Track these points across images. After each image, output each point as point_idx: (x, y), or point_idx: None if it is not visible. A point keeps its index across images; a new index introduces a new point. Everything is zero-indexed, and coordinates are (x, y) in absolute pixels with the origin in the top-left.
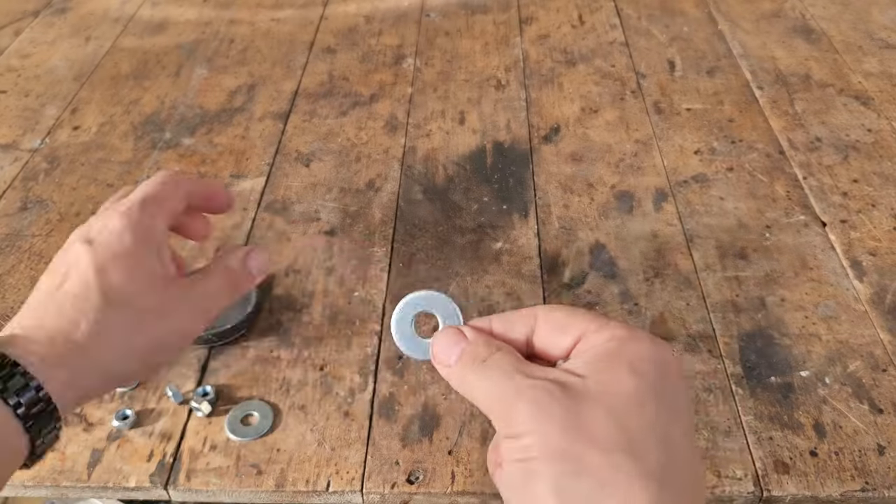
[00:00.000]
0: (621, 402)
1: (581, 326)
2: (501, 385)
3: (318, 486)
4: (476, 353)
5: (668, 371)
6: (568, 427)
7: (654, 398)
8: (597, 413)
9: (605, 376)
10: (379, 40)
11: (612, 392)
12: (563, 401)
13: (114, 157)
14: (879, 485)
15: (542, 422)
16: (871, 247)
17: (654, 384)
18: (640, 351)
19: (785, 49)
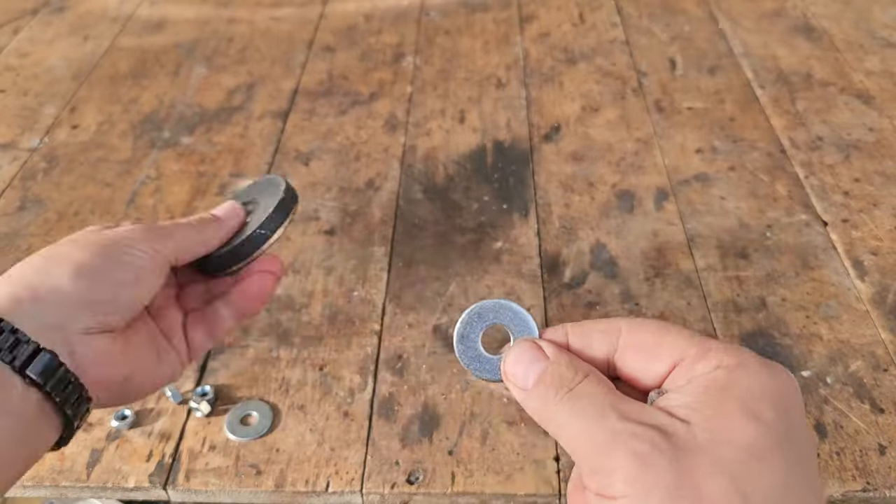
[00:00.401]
0: (739, 457)
1: (677, 350)
2: (593, 425)
3: (318, 487)
4: (560, 376)
5: (790, 408)
6: (675, 491)
7: (777, 449)
8: (709, 473)
9: (716, 422)
10: (378, 39)
11: (725, 444)
12: (668, 455)
13: (112, 157)
14: (881, 485)
15: (644, 483)
16: (872, 246)
17: (776, 430)
18: (755, 385)
19: (786, 48)
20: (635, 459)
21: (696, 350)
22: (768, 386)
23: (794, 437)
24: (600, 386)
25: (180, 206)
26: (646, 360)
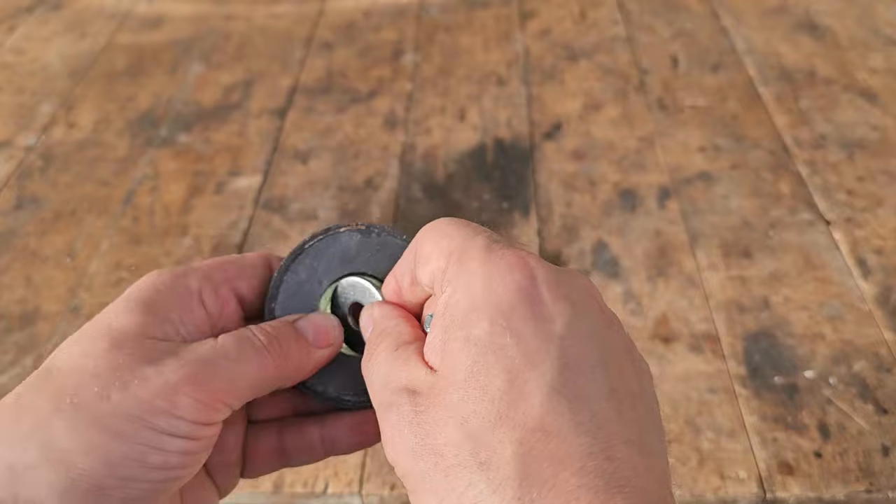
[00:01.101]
0: (462, 392)
1: (432, 265)
2: (376, 398)
3: (317, 489)
4: (370, 343)
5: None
6: (416, 455)
7: (495, 363)
8: (441, 424)
9: (447, 362)
10: (378, 36)
11: (452, 386)
12: (408, 418)
13: (109, 155)
14: (884, 486)
15: (399, 455)
16: (876, 245)
17: (492, 341)
18: (470, 299)
19: (789, 45)
20: (389, 427)
21: (440, 264)
22: (481, 294)
23: (520, 334)
24: (387, 349)
25: (177, 205)
26: (421, 273)
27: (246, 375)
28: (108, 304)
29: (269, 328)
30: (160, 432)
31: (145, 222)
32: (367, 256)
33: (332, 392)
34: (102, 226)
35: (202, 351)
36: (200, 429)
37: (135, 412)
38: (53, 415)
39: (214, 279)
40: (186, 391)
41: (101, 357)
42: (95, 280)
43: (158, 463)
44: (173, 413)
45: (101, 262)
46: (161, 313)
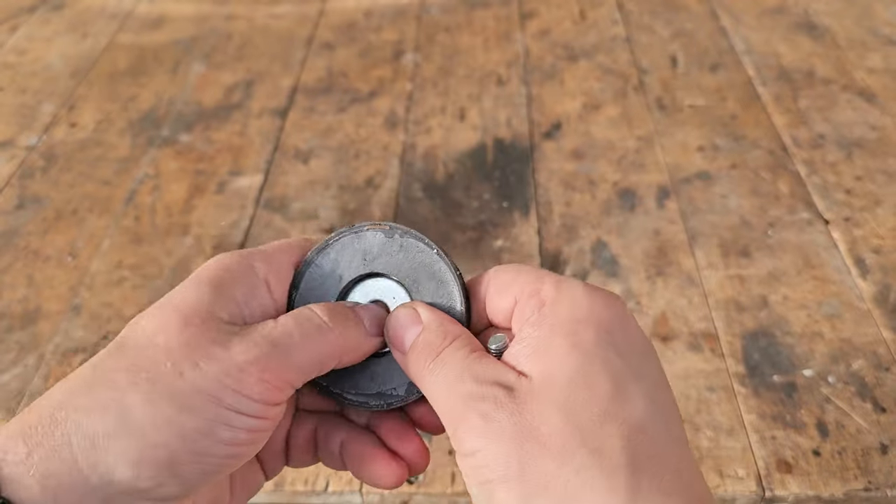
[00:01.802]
0: (566, 390)
1: (518, 288)
2: (451, 391)
3: (317, 487)
4: (429, 343)
5: (612, 327)
6: (519, 439)
7: (602, 370)
8: (544, 414)
9: (545, 365)
10: (378, 36)
11: (554, 383)
12: (509, 409)
13: (111, 155)
14: (882, 484)
15: (491, 439)
16: (874, 245)
17: (598, 351)
18: (574, 313)
19: (788, 45)
20: (482, 418)
21: (531, 287)
22: (586, 311)
23: (621, 352)
24: (462, 350)
25: (179, 205)
26: (497, 299)
27: (308, 354)
28: (109, 303)
29: (329, 307)
30: (229, 409)
31: (147, 222)
32: (388, 257)
33: (335, 388)
34: (104, 225)
35: (265, 332)
36: (266, 408)
37: (206, 389)
38: (130, 388)
39: (276, 263)
40: (253, 371)
41: (172, 334)
42: (97, 279)
43: (227, 438)
44: (241, 392)
45: (102, 261)
46: (227, 292)
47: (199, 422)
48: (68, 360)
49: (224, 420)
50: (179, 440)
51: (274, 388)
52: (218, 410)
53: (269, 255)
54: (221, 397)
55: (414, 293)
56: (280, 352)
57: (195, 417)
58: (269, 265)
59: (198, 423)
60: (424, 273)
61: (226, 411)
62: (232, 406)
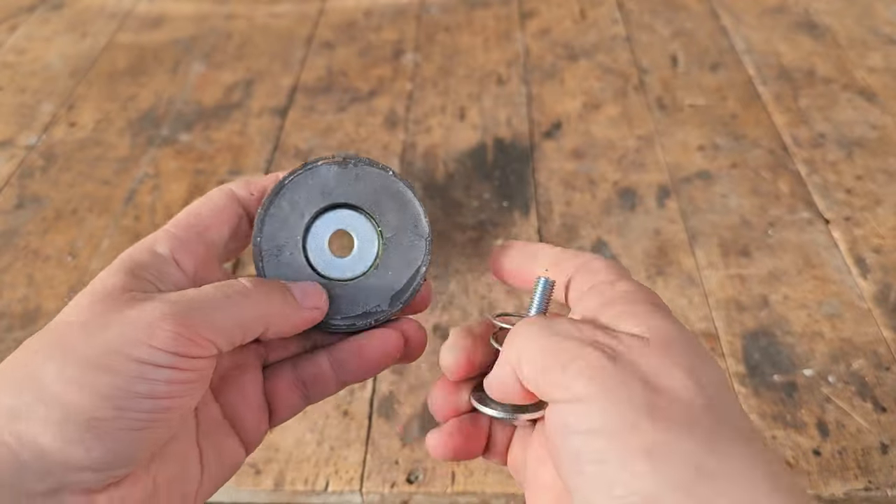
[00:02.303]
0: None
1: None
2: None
3: (317, 486)
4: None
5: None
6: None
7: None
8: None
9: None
10: (378, 35)
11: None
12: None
13: (110, 154)
14: (883, 483)
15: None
16: (875, 244)
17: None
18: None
19: (789, 44)
20: (598, 361)
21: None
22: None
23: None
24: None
25: (179, 204)
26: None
27: (227, 314)
28: None
29: (257, 280)
30: (142, 363)
31: (146, 221)
32: (345, 187)
33: (336, 322)
34: (103, 225)
35: (182, 294)
36: (183, 360)
37: (116, 347)
38: (45, 361)
39: (183, 238)
40: (163, 325)
41: (85, 308)
42: None
43: (146, 391)
44: (151, 344)
45: (102, 260)
46: (139, 275)
47: (113, 377)
48: None
49: (138, 373)
50: (97, 398)
51: (188, 341)
52: (130, 365)
53: (172, 234)
54: (132, 352)
55: (378, 217)
56: (195, 308)
57: (109, 374)
58: (176, 244)
59: (112, 378)
60: (385, 196)
61: (139, 365)
62: (145, 359)
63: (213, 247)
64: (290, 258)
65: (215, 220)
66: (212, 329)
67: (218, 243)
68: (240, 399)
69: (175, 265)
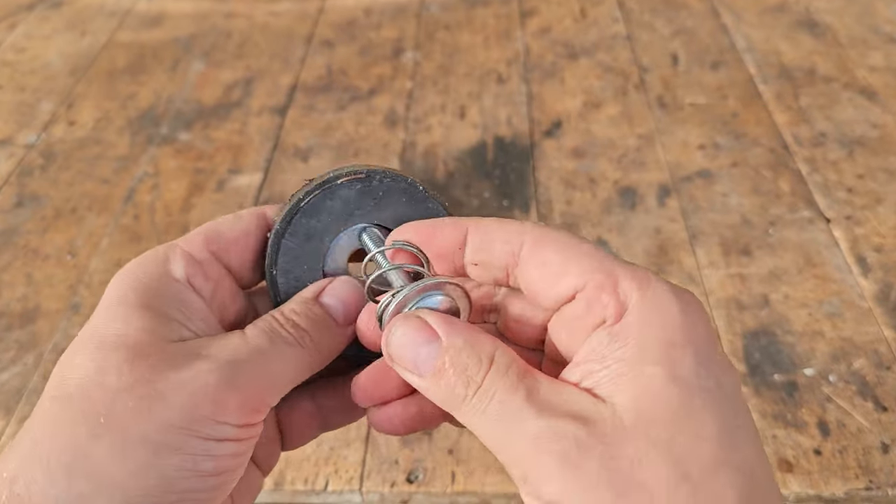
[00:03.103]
0: (669, 433)
1: (583, 274)
2: (511, 431)
3: (317, 486)
4: (462, 368)
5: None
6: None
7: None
8: (644, 460)
9: (638, 394)
10: (378, 33)
11: (653, 422)
12: (597, 452)
13: (110, 153)
14: (884, 483)
15: (579, 488)
16: (876, 243)
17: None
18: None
19: (789, 43)
20: (564, 463)
21: (601, 277)
22: (681, 329)
23: (720, 382)
24: (508, 373)
25: (178, 203)
26: (549, 278)
27: (283, 373)
28: None
29: (296, 315)
30: (207, 439)
31: (146, 220)
32: (369, 207)
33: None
34: (103, 224)
35: (232, 348)
36: (246, 430)
37: (178, 422)
38: (92, 441)
39: (199, 259)
40: (228, 395)
41: (123, 370)
42: (96, 278)
43: (211, 469)
44: (217, 419)
45: (101, 259)
46: (163, 313)
47: (178, 459)
48: None
49: (204, 451)
50: (162, 483)
51: (252, 410)
52: (196, 443)
53: (186, 253)
54: (198, 429)
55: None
56: (253, 371)
57: (174, 455)
58: (191, 266)
59: (177, 460)
60: (411, 212)
61: (204, 441)
62: (210, 435)
63: (232, 271)
64: None
65: (238, 243)
66: (271, 391)
67: (237, 269)
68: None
69: (194, 292)
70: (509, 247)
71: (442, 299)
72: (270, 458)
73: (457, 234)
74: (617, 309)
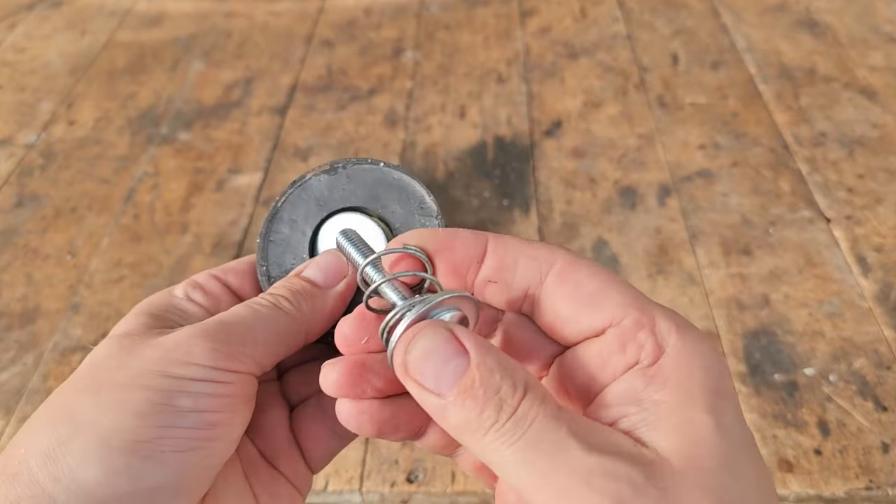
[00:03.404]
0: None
1: (617, 308)
2: (554, 466)
3: (317, 486)
4: (494, 390)
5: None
6: None
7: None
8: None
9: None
10: (378, 33)
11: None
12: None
13: (109, 153)
14: (884, 483)
15: None
16: (876, 243)
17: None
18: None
19: (789, 43)
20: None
21: (637, 314)
22: (718, 377)
23: (746, 430)
24: (545, 403)
25: (178, 203)
26: (578, 308)
27: (262, 330)
28: (108, 301)
29: (276, 288)
30: (181, 378)
31: (146, 220)
32: (340, 192)
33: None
34: (103, 223)
35: (212, 318)
36: (223, 374)
37: (151, 367)
38: (76, 395)
39: (199, 281)
40: (199, 342)
41: (112, 346)
42: (96, 277)
43: (189, 405)
44: (189, 361)
45: (101, 259)
46: (161, 315)
47: (150, 393)
48: (67, 358)
49: (179, 388)
50: (136, 418)
51: (225, 355)
52: (170, 381)
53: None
54: (169, 369)
55: (381, 211)
56: (228, 327)
57: (147, 392)
58: (190, 287)
59: (150, 394)
60: (382, 189)
61: (178, 380)
62: (183, 374)
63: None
64: None
65: (235, 269)
66: (248, 344)
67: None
68: (264, 438)
69: (194, 305)
70: (537, 267)
71: (455, 315)
72: (301, 477)
73: (476, 246)
74: (654, 350)
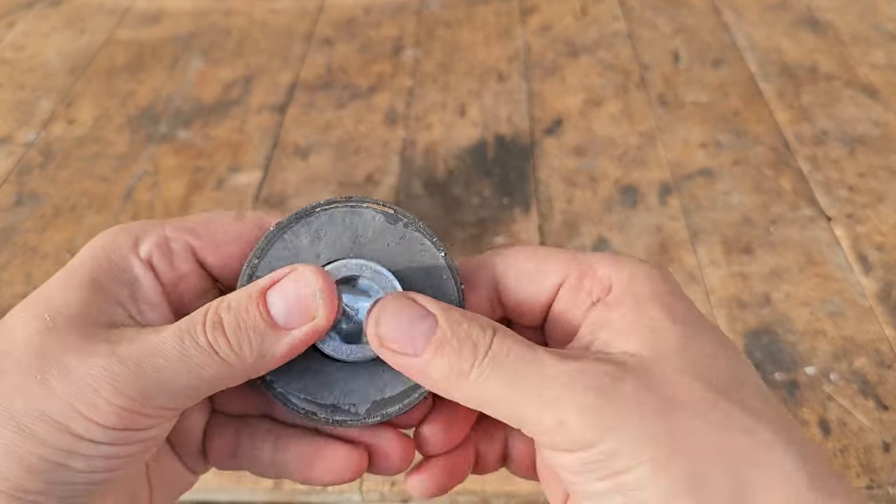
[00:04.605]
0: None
1: (559, 271)
2: (535, 383)
3: (316, 485)
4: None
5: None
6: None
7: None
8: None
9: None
10: (378, 31)
11: (675, 353)
12: (630, 381)
13: (109, 151)
14: (885, 482)
15: (622, 419)
16: (877, 242)
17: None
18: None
19: (791, 41)
20: (600, 395)
21: (578, 267)
22: (662, 283)
23: (701, 315)
24: (517, 338)
25: (177, 202)
26: (527, 286)
27: (186, 377)
28: None
29: (226, 313)
30: (79, 437)
31: (145, 218)
32: (383, 244)
33: (279, 385)
34: (102, 222)
35: (136, 345)
36: (127, 434)
37: (52, 414)
38: None
39: (173, 248)
40: (107, 395)
41: (30, 340)
42: None
43: (82, 468)
44: (92, 419)
45: None
46: (108, 293)
47: (44, 450)
48: None
49: (74, 449)
50: (25, 471)
51: (133, 415)
52: (66, 439)
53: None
54: (69, 424)
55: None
56: (143, 373)
57: (39, 446)
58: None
59: (43, 451)
60: (422, 276)
61: (75, 440)
62: (82, 434)
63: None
64: None
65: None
66: (169, 397)
67: (213, 265)
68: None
69: (153, 277)
70: (484, 271)
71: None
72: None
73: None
74: (603, 288)
